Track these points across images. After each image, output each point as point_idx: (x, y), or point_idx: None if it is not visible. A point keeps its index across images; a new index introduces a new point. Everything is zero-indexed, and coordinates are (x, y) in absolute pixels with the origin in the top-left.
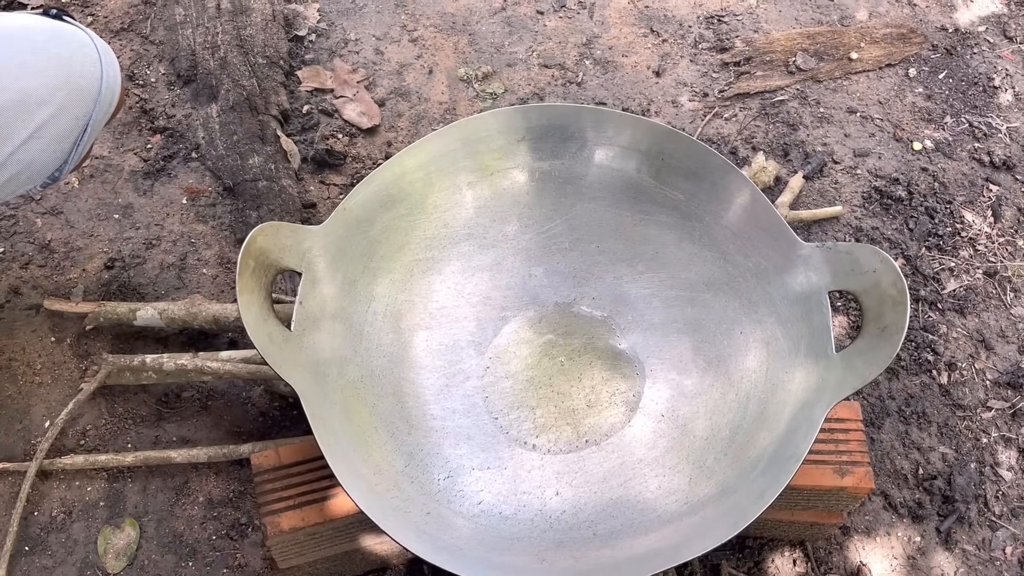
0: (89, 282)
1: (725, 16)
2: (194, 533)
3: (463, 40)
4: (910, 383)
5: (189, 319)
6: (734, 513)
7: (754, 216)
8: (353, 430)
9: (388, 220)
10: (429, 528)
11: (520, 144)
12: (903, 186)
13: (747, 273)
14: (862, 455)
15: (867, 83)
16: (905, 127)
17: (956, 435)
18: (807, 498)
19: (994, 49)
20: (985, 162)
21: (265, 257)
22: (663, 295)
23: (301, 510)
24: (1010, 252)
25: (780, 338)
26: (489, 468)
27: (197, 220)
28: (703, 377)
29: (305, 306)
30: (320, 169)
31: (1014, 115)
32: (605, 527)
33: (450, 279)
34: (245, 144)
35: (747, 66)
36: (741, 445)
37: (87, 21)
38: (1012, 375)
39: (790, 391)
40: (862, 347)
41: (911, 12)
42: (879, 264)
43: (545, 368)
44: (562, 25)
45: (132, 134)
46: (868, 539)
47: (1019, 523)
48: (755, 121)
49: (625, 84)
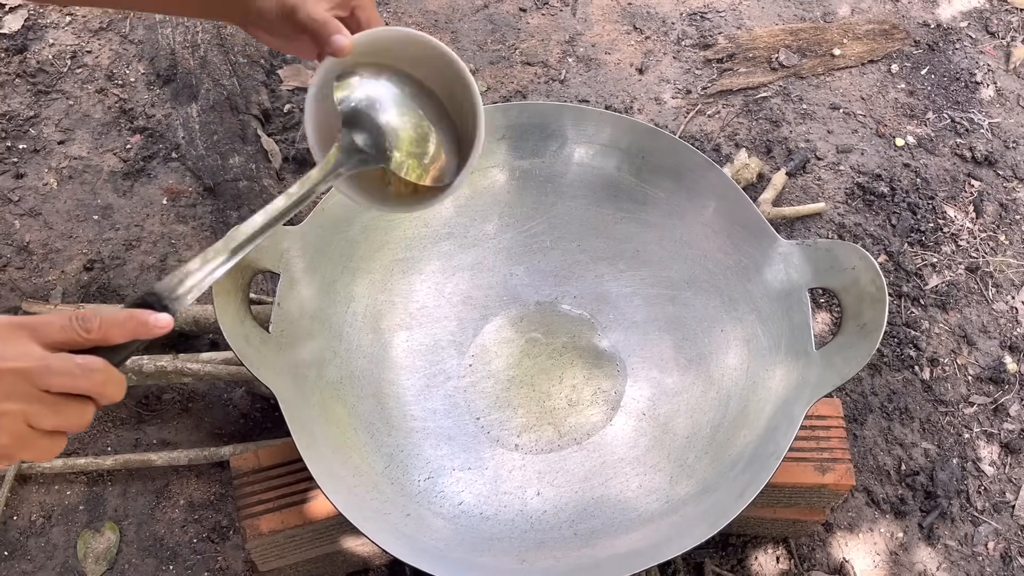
0: (68, 284)
1: (708, 13)
2: (175, 536)
3: (445, 38)
4: (892, 379)
5: None
6: (715, 511)
7: (734, 214)
8: (332, 432)
9: (367, 220)
10: (409, 530)
11: (500, 143)
12: (886, 182)
13: (728, 271)
14: (843, 452)
15: (850, 79)
16: (888, 123)
17: (938, 431)
18: (789, 495)
19: (976, 45)
20: (967, 158)
21: (242, 258)
22: (644, 293)
23: (281, 512)
24: (992, 248)
25: (760, 336)
26: (470, 468)
27: (177, 221)
28: (684, 375)
29: (283, 307)
30: (301, 169)
31: (996, 110)
32: (586, 527)
33: (430, 279)
34: (226, 144)
35: (730, 63)
36: (722, 443)
37: (66, 21)
38: (994, 370)
39: (770, 389)
40: (842, 344)
41: (893, 8)
42: (858, 261)
43: (527, 367)
44: (545, 22)
45: (111, 134)
46: (851, 535)
47: (1001, 518)
48: (738, 118)
49: (608, 81)
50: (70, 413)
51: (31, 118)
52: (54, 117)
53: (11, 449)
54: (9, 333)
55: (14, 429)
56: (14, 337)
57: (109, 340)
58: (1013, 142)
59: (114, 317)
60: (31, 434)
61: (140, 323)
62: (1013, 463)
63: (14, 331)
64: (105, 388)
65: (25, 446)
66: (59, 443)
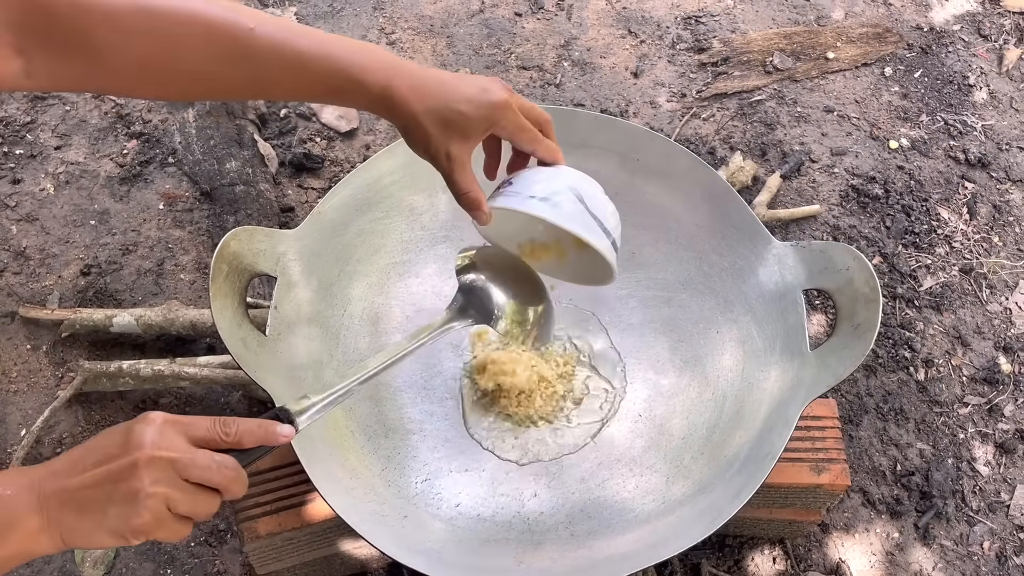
0: (65, 289)
1: (703, 17)
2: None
3: (441, 42)
4: (888, 380)
5: (166, 325)
6: (711, 512)
7: (729, 216)
8: (330, 434)
9: (364, 223)
10: (406, 532)
11: None
12: (880, 184)
13: (723, 272)
14: (838, 452)
15: (844, 82)
16: (881, 126)
17: (933, 431)
18: (784, 496)
19: (969, 48)
20: (960, 160)
21: (239, 262)
22: (640, 295)
23: (278, 515)
24: (986, 249)
25: (756, 337)
26: (467, 470)
27: (174, 225)
28: (680, 377)
29: (280, 311)
30: (298, 173)
31: (989, 113)
32: (583, 528)
33: (428, 281)
34: (222, 148)
35: (724, 66)
36: (717, 444)
37: None
38: (988, 371)
39: (766, 389)
40: (836, 345)
41: (887, 11)
42: (852, 262)
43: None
44: (540, 27)
45: (108, 140)
46: (847, 536)
47: (996, 518)
48: (733, 121)
49: (603, 85)
50: (202, 502)
51: (28, 124)
52: (51, 123)
53: (150, 527)
54: (165, 427)
55: (156, 510)
56: (169, 431)
57: (242, 444)
58: (1006, 144)
59: (248, 425)
60: (168, 517)
61: (269, 432)
62: (1008, 463)
63: (169, 426)
64: (233, 484)
65: (161, 526)
66: (187, 528)
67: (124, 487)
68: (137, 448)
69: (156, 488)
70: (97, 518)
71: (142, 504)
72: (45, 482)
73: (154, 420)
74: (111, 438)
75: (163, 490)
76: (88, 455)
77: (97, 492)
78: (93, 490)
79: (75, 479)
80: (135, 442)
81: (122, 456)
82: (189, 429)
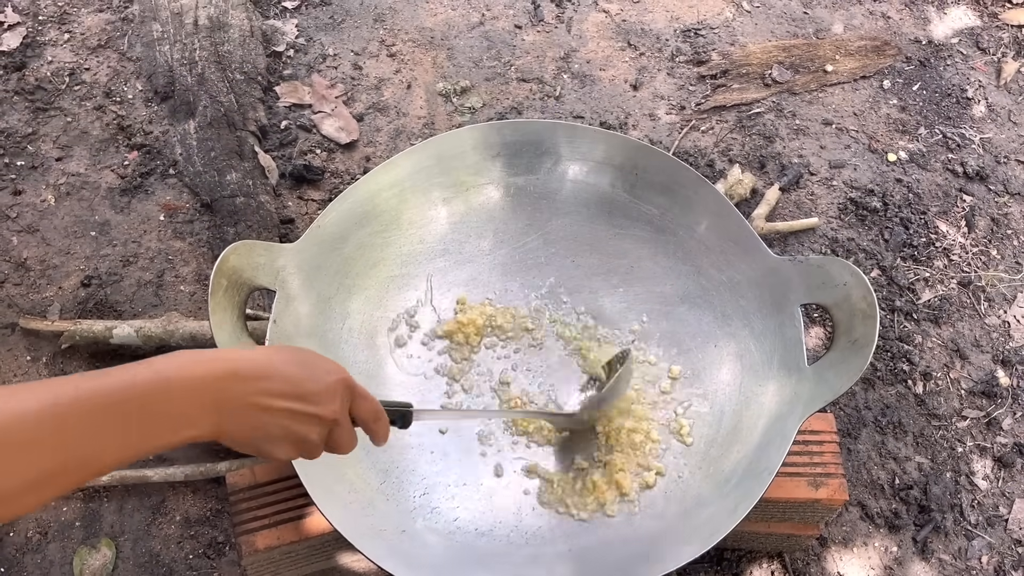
0: (65, 300)
1: (702, 29)
2: (171, 552)
3: (441, 55)
4: (886, 393)
5: (166, 336)
6: (709, 526)
7: (727, 230)
8: None
9: (363, 237)
10: (404, 546)
11: (495, 160)
12: (878, 197)
13: (721, 287)
14: (836, 467)
15: (842, 95)
16: (880, 138)
17: (932, 444)
18: (782, 510)
19: (967, 61)
20: (959, 173)
21: (238, 276)
22: (638, 308)
23: (276, 529)
24: (984, 262)
25: (753, 351)
26: (465, 484)
27: (175, 237)
28: (678, 391)
29: (279, 324)
30: (298, 185)
31: (987, 126)
32: (580, 543)
33: (426, 295)
34: (223, 160)
35: (724, 79)
36: (715, 459)
37: (64, 38)
38: (986, 384)
39: (763, 404)
40: (834, 360)
41: (885, 25)
42: (849, 277)
43: (521, 383)
44: (540, 39)
45: (109, 151)
46: (845, 549)
47: (995, 532)
48: (732, 133)
49: (603, 98)
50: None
51: (29, 135)
52: (52, 134)
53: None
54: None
55: (314, 454)
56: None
57: (366, 425)
58: (1004, 157)
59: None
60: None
61: (377, 432)
62: (1006, 477)
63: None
64: (378, 427)
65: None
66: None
67: (302, 430)
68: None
69: (335, 406)
70: (269, 439)
71: (310, 453)
72: (228, 385)
73: (354, 387)
74: (317, 384)
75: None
76: (293, 382)
77: (281, 421)
78: (278, 418)
79: (270, 400)
80: (330, 407)
81: (320, 406)
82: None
